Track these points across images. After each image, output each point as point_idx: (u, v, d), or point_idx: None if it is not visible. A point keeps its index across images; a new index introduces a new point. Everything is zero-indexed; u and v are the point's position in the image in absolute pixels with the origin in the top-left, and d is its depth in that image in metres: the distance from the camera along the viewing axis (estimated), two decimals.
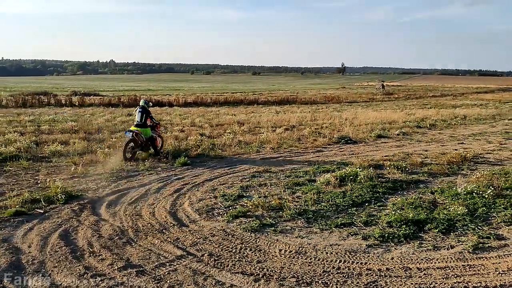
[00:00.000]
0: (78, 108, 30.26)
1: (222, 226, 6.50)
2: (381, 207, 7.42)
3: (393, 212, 6.88)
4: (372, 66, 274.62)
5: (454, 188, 8.29)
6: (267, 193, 8.22)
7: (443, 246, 5.68)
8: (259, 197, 7.80)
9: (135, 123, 11.71)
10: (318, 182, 8.94)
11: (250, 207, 7.26)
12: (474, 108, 34.34)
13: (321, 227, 6.46)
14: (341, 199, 7.73)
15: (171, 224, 6.59)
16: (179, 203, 7.68)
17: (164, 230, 6.33)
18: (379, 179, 9.18)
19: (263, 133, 16.71)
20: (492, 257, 5.33)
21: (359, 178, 8.98)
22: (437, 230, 6.19)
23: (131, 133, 11.33)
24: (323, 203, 7.57)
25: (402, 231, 6.11)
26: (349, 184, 8.68)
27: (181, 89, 67.28)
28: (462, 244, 5.74)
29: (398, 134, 17.31)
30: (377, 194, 8.11)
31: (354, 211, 7.19)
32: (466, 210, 6.95)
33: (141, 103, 12.05)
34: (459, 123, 21.84)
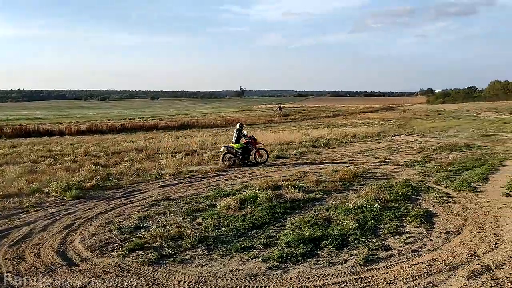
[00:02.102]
0: None
1: (117, 262, 6.11)
2: (280, 228, 7.55)
3: (291, 232, 7.04)
4: (269, 89, 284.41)
5: (346, 203, 8.76)
6: (166, 222, 7.94)
7: (338, 261, 5.92)
8: (158, 227, 7.51)
9: (232, 140, 15.70)
10: (219, 207, 8.86)
11: (148, 238, 6.95)
12: (362, 126, 37.14)
13: (221, 253, 6.38)
14: (241, 223, 7.74)
15: (59, 265, 6.04)
16: (69, 241, 7.09)
17: (50, 272, 5.77)
18: (278, 200, 9.40)
19: (162, 159, 16.34)
20: (381, 267, 5.67)
21: (258, 200, 9.11)
22: (332, 246, 6.45)
23: (225, 147, 15.51)
24: (223, 228, 7.51)
25: (299, 250, 6.26)
26: (249, 206, 8.74)
27: (74, 116, 63.62)
28: (354, 257, 6.03)
29: (295, 154, 18.00)
30: (276, 215, 8.26)
31: (254, 234, 7.23)
32: (357, 224, 7.37)
33: (237, 126, 16.10)
34: (349, 141, 23.40)
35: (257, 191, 9.82)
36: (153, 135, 30.55)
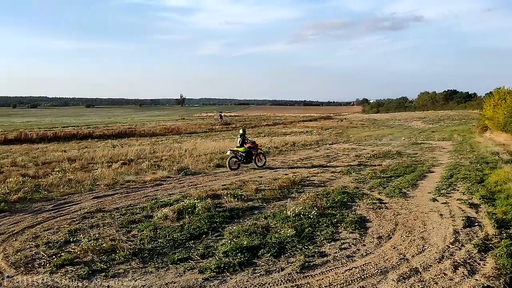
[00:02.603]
0: None
1: (43, 279, 5.73)
2: (218, 237, 7.47)
3: (229, 241, 6.99)
4: (210, 97, 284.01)
5: (285, 211, 8.82)
6: (98, 235, 7.59)
7: (275, 270, 5.93)
8: (89, 240, 7.16)
9: (237, 145, 17.00)
10: (156, 218, 8.64)
11: (79, 252, 6.60)
12: (301, 135, 38.00)
13: (157, 265, 6.19)
14: (178, 233, 7.57)
15: None
16: None
17: None
18: (217, 209, 9.31)
19: (97, 169, 15.71)
20: (317, 274, 5.75)
21: (197, 210, 8.98)
22: (269, 254, 6.46)
23: (231, 151, 16.55)
24: (160, 240, 7.30)
25: (237, 260, 6.21)
26: (187, 216, 8.58)
27: (1, 124, 59.78)
28: (291, 265, 6.08)
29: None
30: (215, 225, 8.17)
31: (191, 245, 7.09)
32: (295, 231, 7.45)
33: (240, 131, 17.54)
34: (289, 150, 23.80)
35: (195, 200, 9.69)
36: (87, 144, 29.43)
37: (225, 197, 10.41)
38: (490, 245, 6.77)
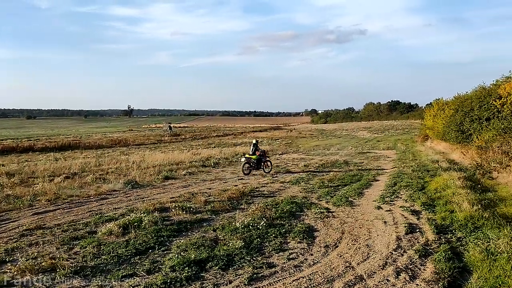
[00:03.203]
0: None
1: None
2: (165, 252, 7.29)
3: (177, 255, 6.84)
4: (159, 108, 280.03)
5: (234, 223, 8.79)
6: (37, 253, 7.20)
7: (223, 283, 5.86)
8: (27, 259, 6.77)
9: (250, 152, 18.59)
10: (100, 233, 8.32)
11: (15, 273, 6.23)
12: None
13: (100, 283, 5.93)
14: (123, 249, 7.32)
15: None
16: None
17: None
18: (164, 222, 9.12)
19: (38, 184, 14.97)
20: (265, 285, 5.74)
21: (143, 224, 8.75)
22: (217, 267, 6.38)
23: (246, 158, 18.18)
24: (104, 256, 7.02)
25: (184, 274, 6.08)
26: (132, 231, 8.33)
27: None
28: (239, 277, 6.03)
29: (185, 175, 17.77)
30: (162, 238, 7.98)
31: (137, 260, 6.87)
32: (243, 243, 7.42)
33: (253, 141, 19.27)
34: (239, 160, 23.76)
35: (142, 214, 9.44)
36: (28, 158, 28.06)
37: (173, 210, 10.22)
38: (430, 250, 7.06)
